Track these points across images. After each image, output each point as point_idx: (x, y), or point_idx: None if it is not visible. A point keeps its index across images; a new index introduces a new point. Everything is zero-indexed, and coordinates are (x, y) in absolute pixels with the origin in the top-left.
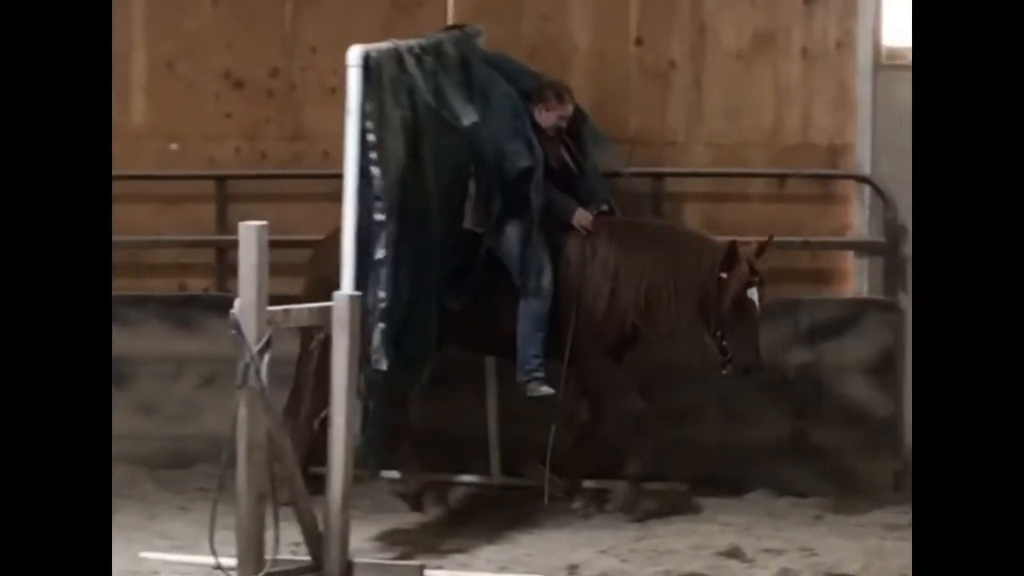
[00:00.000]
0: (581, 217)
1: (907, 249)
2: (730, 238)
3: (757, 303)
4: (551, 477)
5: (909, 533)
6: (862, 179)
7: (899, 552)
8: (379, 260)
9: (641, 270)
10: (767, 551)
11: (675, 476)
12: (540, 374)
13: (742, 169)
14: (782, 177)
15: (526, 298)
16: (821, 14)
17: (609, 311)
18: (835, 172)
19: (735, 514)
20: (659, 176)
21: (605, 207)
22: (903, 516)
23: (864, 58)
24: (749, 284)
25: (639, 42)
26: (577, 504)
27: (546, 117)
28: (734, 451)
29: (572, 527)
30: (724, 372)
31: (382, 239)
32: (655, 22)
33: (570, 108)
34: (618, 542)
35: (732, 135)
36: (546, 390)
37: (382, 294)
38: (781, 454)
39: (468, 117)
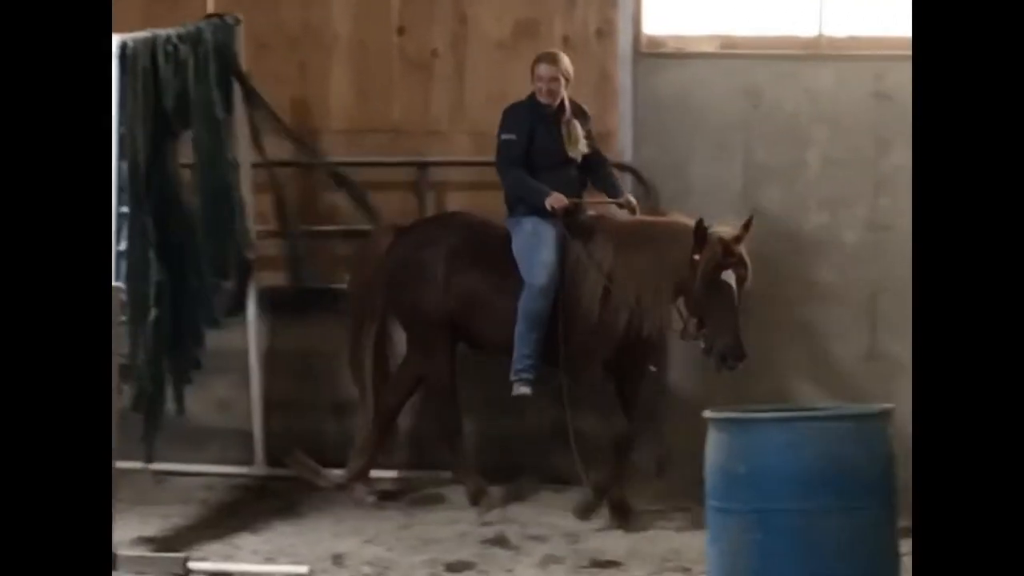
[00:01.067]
0: (555, 200)
1: None
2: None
3: (734, 286)
4: (315, 466)
5: (672, 517)
6: (624, 167)
7: (663, 538)
8: (121, 252)
9: (632, 268)
10: (532, 538)
11: (444, 466)
12: (528, 375)
13: None
14: None
15: (524, 296)
16: (582, 3)
17: (604, 313)
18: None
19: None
20: (422, 165)
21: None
22: (664, 501)
23: (625, 47)
24: (723, 266)
25: (401, 31)
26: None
27: (537, 88)
28: (500, 440)
29: (337, 516)
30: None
31: (124, 231)
32: (417, 11)
33: (544, 70)
34: (383, 531)
35: (494, 124)
36: (525, 390)
37: (122, 284)
38: (545, 442)
39: (188, 123)
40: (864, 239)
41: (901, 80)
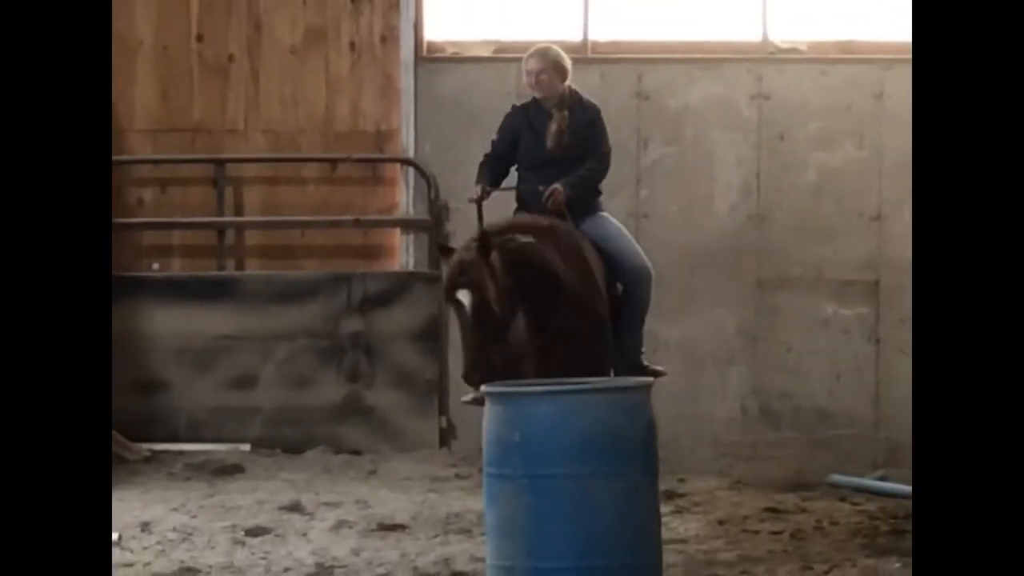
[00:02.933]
0: (472, 192)
1: (449, 226)
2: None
3: (467, 305)
4: (124, 440)
5: (453, 485)
6: (407, 162)
7: (443, 503)
8: None
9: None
10: (325, 504)
11: (237, 438)
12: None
13: (297, 154)
14: (334, 161)
15: None
16: (367, 11)
17: None
18: (382, 156)
19: (296, 472)
20: (220, 162)
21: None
22: (447, 469)
23: (407, 51)
24: (456, 286)
25: (199, 38)
26: None
27: (528, 83)
28: (293, 413)
29: (145, 487)
30: None
31: None
32: (215, 19)
33: (530, 64)
34: (188, 500)
35: (288, 123)
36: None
37: None
38: (337, 415)
39: None
40: (627, 225)
41: (658, 81)
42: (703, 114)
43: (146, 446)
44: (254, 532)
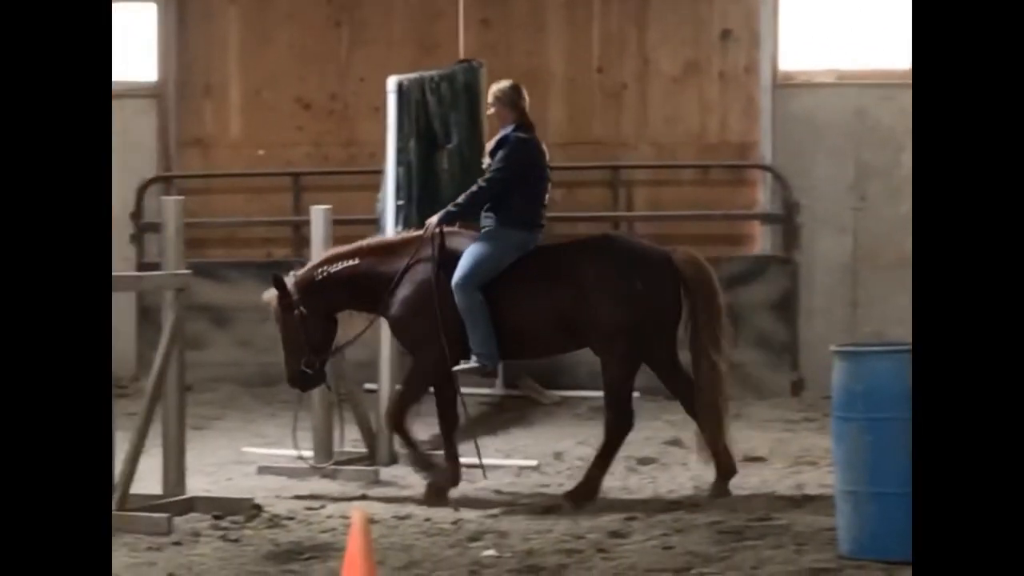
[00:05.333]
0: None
1: (799, 219)
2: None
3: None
4: (540, 388)
5: (803, 426)
6: (765, 168)
7: (795, 440)
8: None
9: None
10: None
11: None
12: None
13: (677, 162)
14: (706, 167)
15: None
16: (734, 47)
17: None
18: (745, 163)
19: (675, 414)
20: (615, 168)
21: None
22: (798, 414)
23: (765, 79)
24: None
25: (600, 70)
26: None
27: None
28: None
29: (557, 425)
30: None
31: (400, 220)
32: (611, 55)
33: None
34: (590, 436)
35: (669, 137)
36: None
37: None
38: None
39: (452, 139)
40: None
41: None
42: None
43: (558, 392)
44: (644, 461)
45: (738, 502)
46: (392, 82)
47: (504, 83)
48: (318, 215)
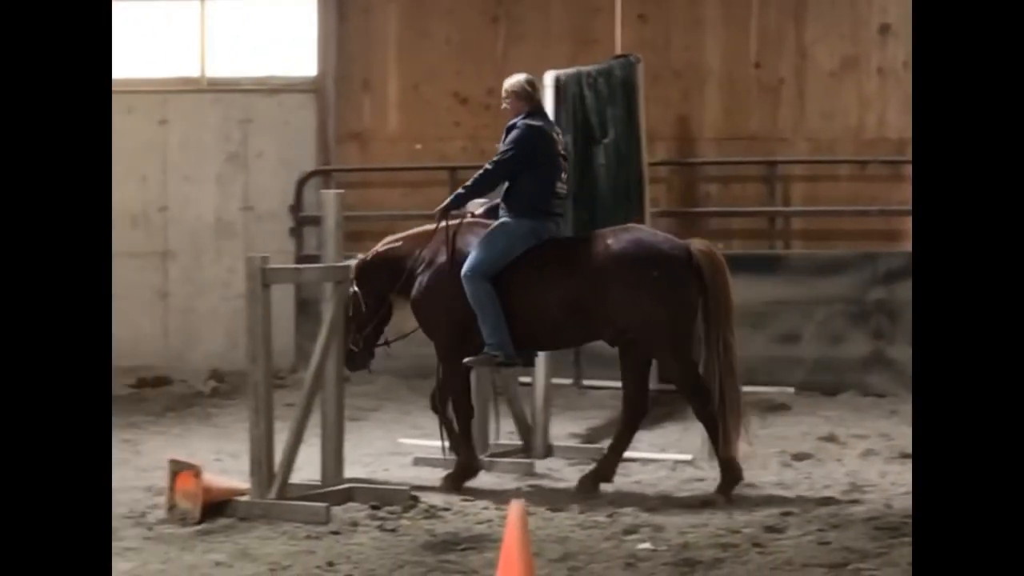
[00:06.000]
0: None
1: None
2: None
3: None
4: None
5: None
6: None
7: None
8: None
9: None
10: (855, 436)
11: (784, 383)
12: None
13: (834, 157)
14: (864, 163)
15: None
16: (892, 41)
17: None
18: (903, 159)
19: (831, 410)
20: (772, 163)
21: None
22: None
23: None
24: None
25: (757, 65)
26: None
27: None
28: (829, 364)
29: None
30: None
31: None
32: (769, 51)
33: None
34: (747, 431)
35: (826, 132)
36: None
37: None
38: (864, 365)
39: (608, 134)
40: None
41: None
42: None
43: None
44: (799, 457)
45: (895, 499)
46: (549, 77)
47: (519, 76)
48: (475, 209)
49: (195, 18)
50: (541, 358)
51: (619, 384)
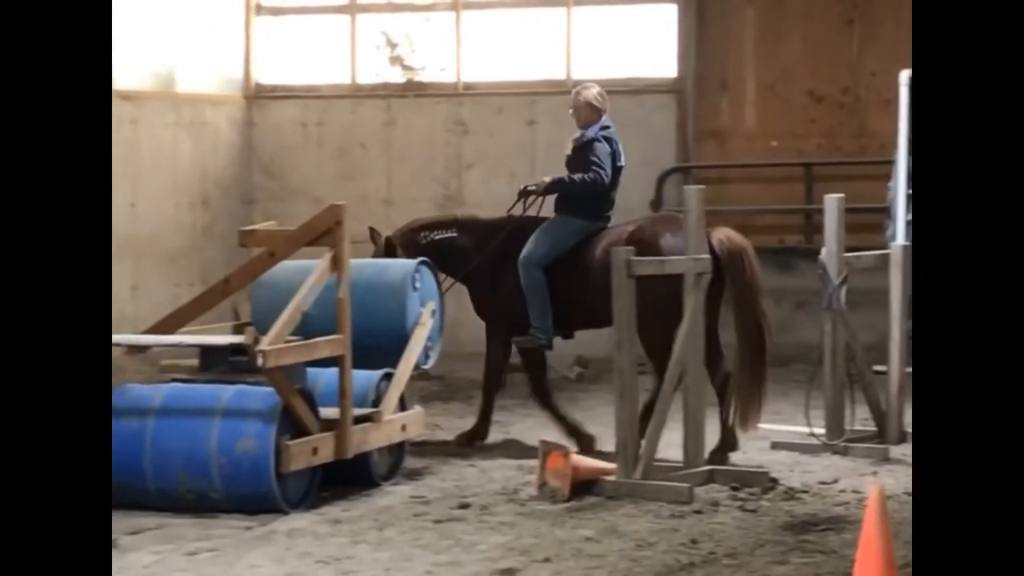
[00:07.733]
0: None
1: None
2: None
3: None
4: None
5: None
6: None
7: None
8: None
9: None
10: None
11: None
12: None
13: None
14: None
15: None
16: None
17: None
18: None
19: None
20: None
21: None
22: None
23: None
24: None
25: None
26: None
27: None
28: None
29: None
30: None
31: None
32: None
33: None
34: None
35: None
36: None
37: None
38: None
39: None
40: None
41: None
42: None
43: None
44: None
45: None
46: (905, 76)
47: (592, 88)
48: (831, 204)
49: (562, 24)
50: (895, 346)
51: None
